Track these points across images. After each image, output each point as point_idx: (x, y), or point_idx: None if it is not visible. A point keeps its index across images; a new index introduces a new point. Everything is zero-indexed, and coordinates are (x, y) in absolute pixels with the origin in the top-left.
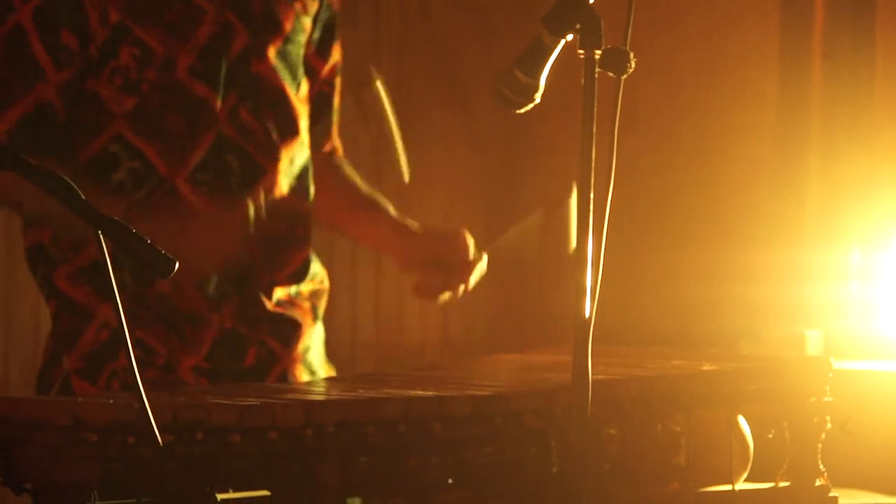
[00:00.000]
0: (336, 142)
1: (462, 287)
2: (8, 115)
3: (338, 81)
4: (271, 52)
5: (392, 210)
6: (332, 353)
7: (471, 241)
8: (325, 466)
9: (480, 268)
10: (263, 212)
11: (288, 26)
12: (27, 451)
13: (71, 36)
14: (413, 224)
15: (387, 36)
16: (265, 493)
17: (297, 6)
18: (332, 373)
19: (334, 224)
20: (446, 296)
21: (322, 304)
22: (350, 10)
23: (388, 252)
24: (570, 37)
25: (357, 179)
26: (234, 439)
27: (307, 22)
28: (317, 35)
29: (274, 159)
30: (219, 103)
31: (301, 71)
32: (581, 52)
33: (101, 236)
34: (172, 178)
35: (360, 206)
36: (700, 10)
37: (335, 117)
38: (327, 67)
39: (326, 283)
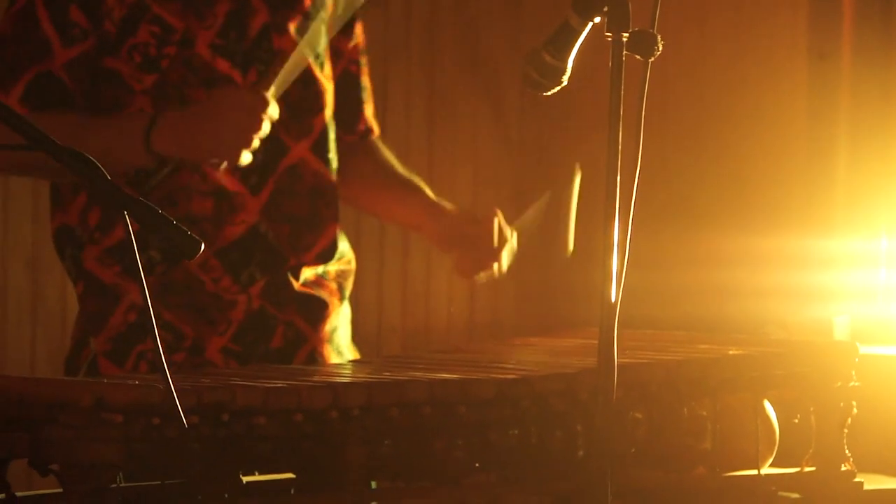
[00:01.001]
0: (371, 122)
1: (495, 267)
2: (14, 89)
3: (364, 60)
4: (292, 28)
5: (427, 190)
6: (357, 335)
7: (502, 222)
8: (351, 449)
9: (511, 248)
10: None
11: (307, 2)
12: (52, 432)
13: (80, 13)
14: (447, 204)
15: (417, 18)
16: (290, 475)
17: None
18: (358, 356)
19: (369, 205)
20: (483, 275)
21: (349, 285)
22: None
23: (422, 231)
24: (597, 19)
25: (392, 160)
26: (260, 421)
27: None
28: (339, 12)
29: (297, 135)
30: (241, 80)
31: (324, 47)
32: (608, 34)
33: (127, 217)
34: None
35: (396, 186)
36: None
37: (366, 96)
38: (350, 44)
39: (353, 264)
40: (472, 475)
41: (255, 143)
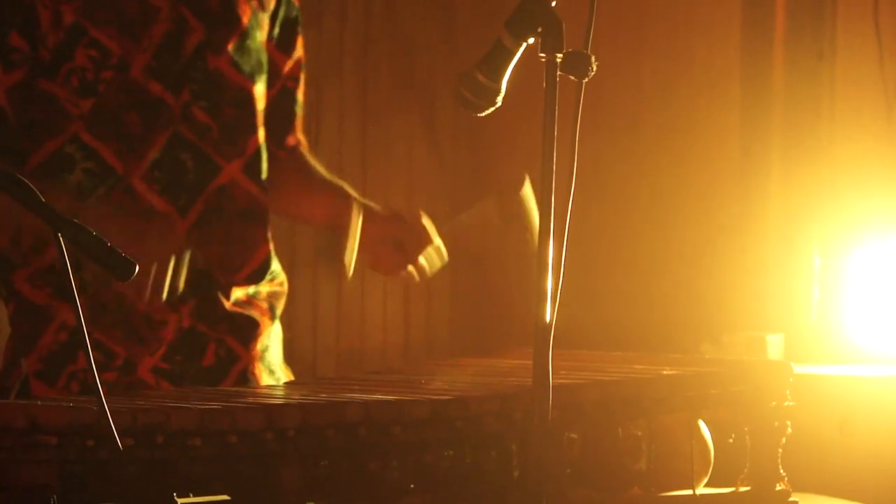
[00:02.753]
0: (300, 136)
1: (417, 266)
2: None
3: (302, 76)
4: (229, 47)
5: (354, 193)
6: (293, 357)
7: (427, 222)
8: (286, 470)
9: (438, 250)
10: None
11: (245, 21)
12: None
13: (20, 38)
14: (374, 206)
15: (351, 35)
16: (225, 497)
17: (254, 2)
18: (290, 375)
19: (297, 211)
20: (405, 273)
21: (280, 305)
22: (315, 10)
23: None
24: (531, 40)
25: (319, 167)
26: (195, 443)
27: (265, 18)
28: (277, 31)
29: (229, 156)
30: (173, 101)
31: (261, 66)
32: (543, 55)
33: (60, 238)
34: (128, 176)
35: (323, 190)
36: (663, 15)
37: (299, 111)
38: (290, 62)
39: (286, 286)
40: (408, 496)
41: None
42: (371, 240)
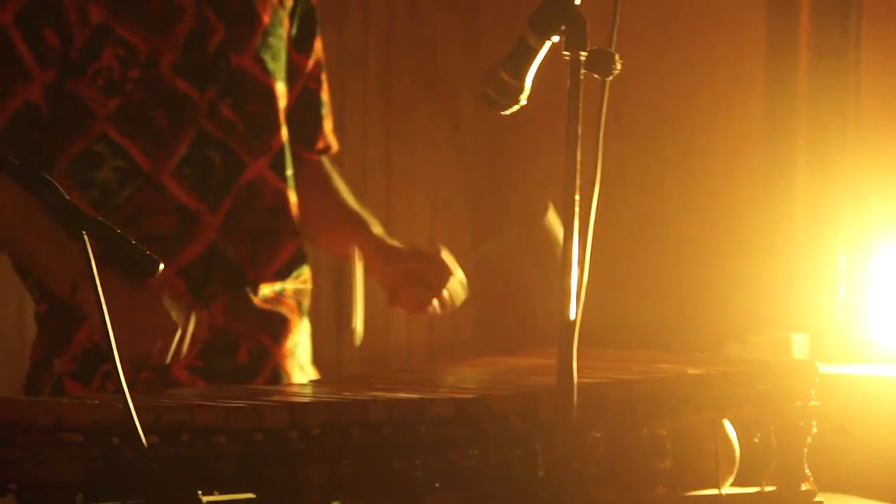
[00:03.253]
0: (330, 139)
1: (439, 301)
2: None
3: (324, 77)
4: (251, 46)
5: (376, 227)
6: (317, 355)
7: (447, 256)
8: (310, 468)
9: (461, 283)
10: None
11: (266, 19)
12: (10, 452)
13: (54, 35)
14: (395, 243)
15: (374, 35)
16: (250, 495)
17: (274, 1)
18: (317, 375)
19: (317, 239)
20: (430, 308)
21: (306, 302)
22: (338, 11)
23: (369, 270)
24: (555, 38)
25: (345, 192)
26: (219, 441)
27: (284, 16)
28: (294, 31)
29: (256, 153)
30: (198, 98)
31: (283, 64)
32: (566, 53)
33: (86, 237)
34: (157, 174)
35: (345, 223)
36: (687, 15)
37: (325, 112)
38: (310, 63)
39: (310, 284)
40: (432, 495)
41: (154, 356)
42: (393, 277)
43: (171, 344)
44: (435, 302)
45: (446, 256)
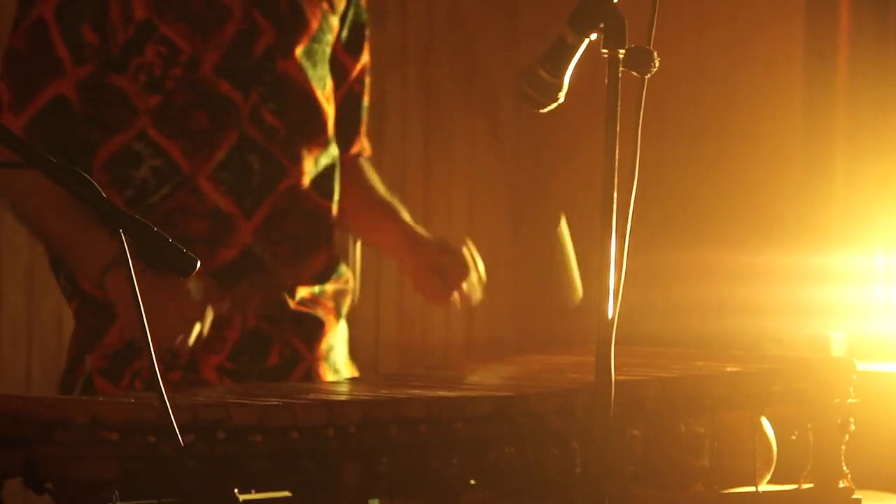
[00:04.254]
0: (364, 142)
1: (460, 293)
2: (26, 111)
3: (367, 81)
4: (298, 51)
5: (407, 216)
6: (354, 353)
7: (471, 252)
8: (347, 467)
9: (481, 280)
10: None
11: (315, 24)
12: (47, 450)
13: (92, 32)
14: (424, 233)
15: (414, 36)
16: (286, 493)
17: (325, 5)
18: (355, 372)
19: (348, 226)
20: (448, 301)
21: (346, 304)
22: (378, 11)
23: (396, 257)
24: (594, 36)
25: (377, 183)
26: (256, 439)
27: (335, 21)
28: (345, 34)
29: (297, 159)
30: (241, 101)
31: (327, 70)
32: (605, 51)
33: (122, 235)
34: (195, 176)
35: (376, 210)
36: (726, 12)
37: (364, 116)
38: (358, 66)
39: (351, 283)
40: (469, 492)
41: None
42: (416, 267)
43: (192, 331)
44: (455, 295)
45: (469, 252)
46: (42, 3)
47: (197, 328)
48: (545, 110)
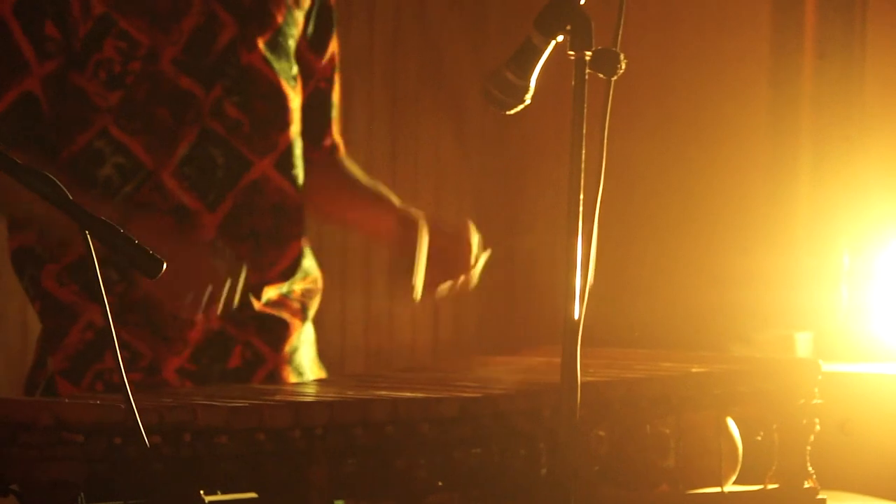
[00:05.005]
0: (337, 138)
1: (462, 279)
2: None
3: (336, 77)
4: (261, 44)
5: (396, 200)
6: (321, 354)
7: (475, 235)
8: (313, 468)
9: (482, 263)
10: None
11: (279, 18)
12: (12, 452)
13: (54, 27)
14: (418, 213)
15: (380, 33)
16: (252, 494)
17: (290, 0)
18: (322, 374)
19: (336, 213)
20: (444, 288)
21: (313, 305)
22: (344, 10)
23: (388, 237)
24: (560, 38)
25: (357, 171)
26: (222, 441)
27: (300, 16)
28: (311, 29)
29: (261, 152)
30: (203, 96)
31: (294, 64)
32: (571, 53)
33: (87, 236)
34: (158, 172)
35: (365, 198)
36: (692, 13)
37: (335, 113)
38: (324, 62)
39: (320, 284)
40: (435, 494)
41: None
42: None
43: (203, 296)
44: (446, 284)
45: (472, 232)
46: (0, 2)
47: (208, 292)
48: (511, 112)
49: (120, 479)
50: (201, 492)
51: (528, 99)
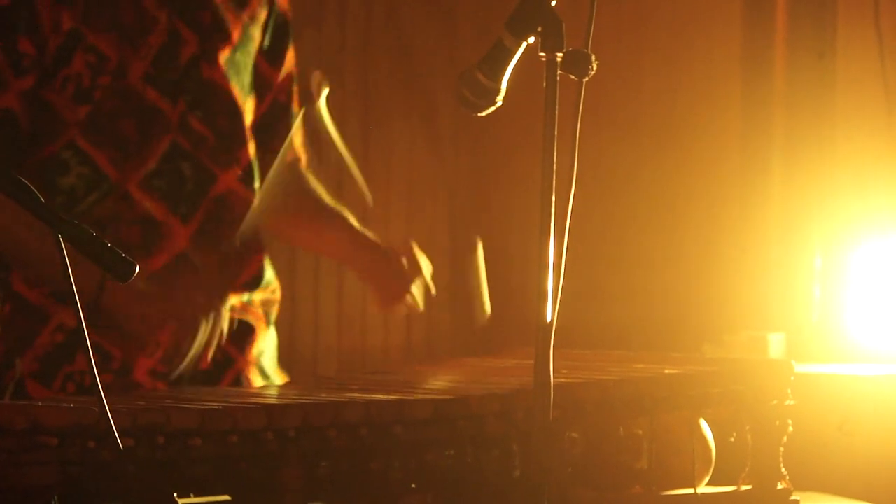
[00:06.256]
0: (299, 151)
1: (408, 299)
2: None
3: (294, 90)
4: (221, 59)
5: (354, 222)
6: (294, 356)
7: (416, 256)
8: (287, 470)
9: (425, 283)
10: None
11: (236, 35)
12: None
13: (28, 43)
14: (372, 235)
15: (352, 36)
16: (226, 497)
17: (245, 16)
18: (284, 378)
19: (295, 238)
20: (403, 307)
21: (273, 312)
22: (315, 11)
23: (347, 264)
24: (532, 39)
25: (320, 191)
26: (195, 443)
27: (256, 31)
28: (266, 43)
29: (225, 165)
30: (170, 109)
31: (250, 80)
32: (543, 54)
33: (61, 239)
34: (124, 183)
35: (322, 218)
36: (664, 14)
37: (296, 125)
38: (281, 76)
39: (278, 294)
40: (409, 496)
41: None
42: (369, 271)
43: (190, 347)
44: (401, 302)
45: (414, 255)
46: None
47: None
48: (483, 113)
49: (94, 482)
50: (175, 494)
51: (499, 100)
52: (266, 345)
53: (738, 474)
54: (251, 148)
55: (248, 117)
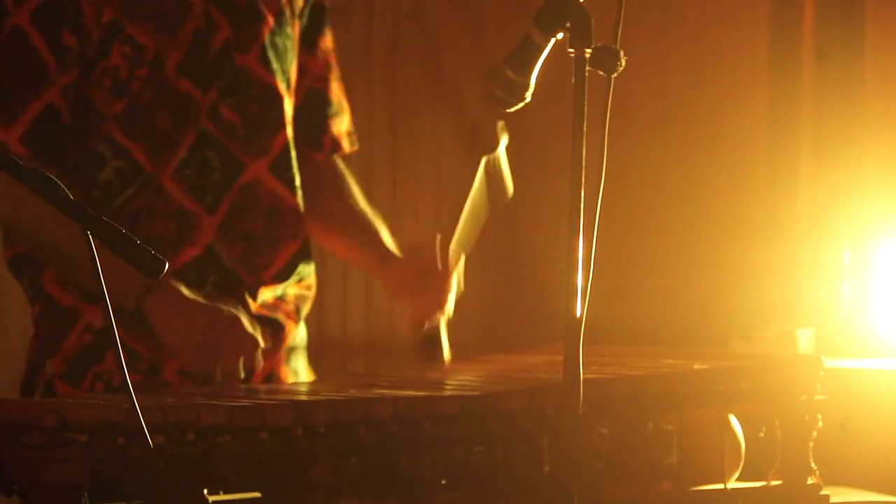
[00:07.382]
0: (340, 138)
1: (444, 304)
2: (20, 121)
3: (332, 77)
4: (256, 45)
5: (383, 233)
6: (322, 353)
7: (441, 256)
8: (316, 467)
9: (457, 275)
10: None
11: (272, 20)
12: (15, 453)
13: (71, 37)
14: (397, 252)
15: (379, 34)
16: (256, 494)
17: (283, 1)
18: (313, 376)
19: (327, 245)
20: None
21: (306, 308)
22: (343, 9)
23: (376, 277)
24: (560, 35)
25: (353, 194)
26: (225, 440)
27: (293, 16)
28: (303, 29)
29: (255, 154)
30: (200, 98)
31: (292, 64)
32: (571, 50)
33: (90, 236)
34: (158, 175)
35: (351, 229)
36: (692, 11)
37: (333, 112)
38: (317, 63)
39: (313, 290)
40: (438, 492)
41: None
42: (397, 290)
43: (254, 358)
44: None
45: (436, 249)
46: (16, 12)
47: (254, 360)
48: (512, 110)
49: (123, 479)
50: (205, 491)
51: (528, 97)
52: (296, 342)
53: (767, 469)
54: (286, 135)
55: (288, 102)
